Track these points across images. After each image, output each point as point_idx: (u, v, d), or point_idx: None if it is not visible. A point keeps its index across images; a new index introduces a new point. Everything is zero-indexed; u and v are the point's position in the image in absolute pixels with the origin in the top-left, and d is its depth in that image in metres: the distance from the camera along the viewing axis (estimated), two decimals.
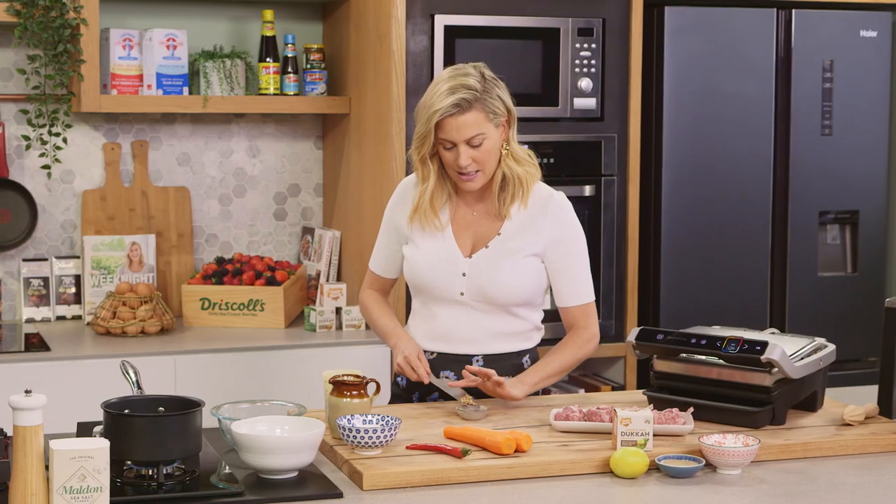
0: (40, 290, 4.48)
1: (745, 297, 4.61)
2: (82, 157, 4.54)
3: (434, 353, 3.19)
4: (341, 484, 2.51)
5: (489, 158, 3.09)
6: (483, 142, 3.05)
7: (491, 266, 3.12)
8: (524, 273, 3.14)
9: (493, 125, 3.07)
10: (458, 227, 3.18)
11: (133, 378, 2.76)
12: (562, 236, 3.16)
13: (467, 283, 3.14)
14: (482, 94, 3.05)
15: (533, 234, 3.14)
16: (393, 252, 3.28)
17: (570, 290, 3.20)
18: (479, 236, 3.17)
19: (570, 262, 3.18)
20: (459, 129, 3.03)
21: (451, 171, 3.11)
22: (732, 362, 2.89)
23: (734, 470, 2.61)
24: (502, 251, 3.14)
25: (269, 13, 4.50)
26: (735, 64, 4.55)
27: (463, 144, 3.05)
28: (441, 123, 3.04)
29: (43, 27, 4.15)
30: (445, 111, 3.02)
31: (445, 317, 3.17)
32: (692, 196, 4.54)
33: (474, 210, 3.19)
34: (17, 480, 2.19)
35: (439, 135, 3.06)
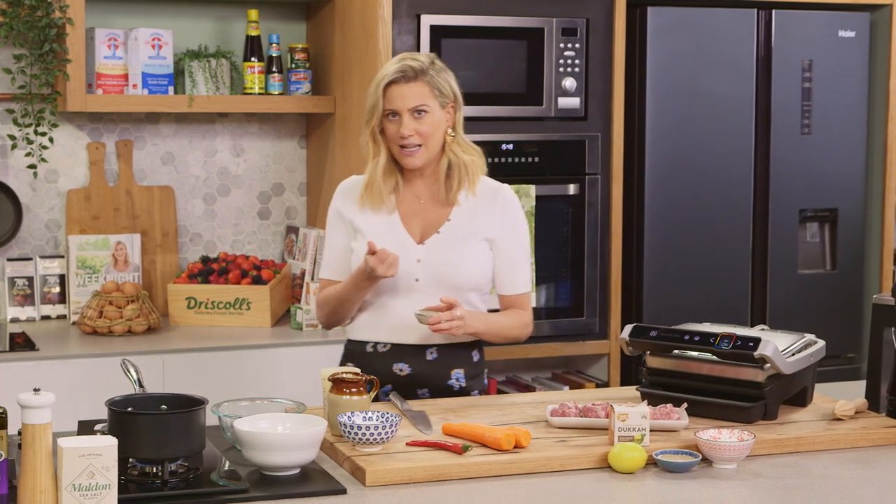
0: (25, 289, 4.48)
1: (727, 294, 4.67)
2: (67, 157, 4.54)
3: (388, 346, 3.21)
4: (343, 480, 2.52)
5: (432, 134, 3.15)
6: (426, 115, 3.13)
7: (446, 250, 3.17)
8: (478, 256, 3.20)
9: (438, 103, 3.15)
10: (406, 215, 3.22)
11: (135, 376, 2.78)
12: (510, 228, 3.24)
13: (423, 268, 3.17)
14: (429, 70, 3.15)
15: (483, 221, 3.21)
16: (346, 250, 3.26)
17: (513, 280, 3.26)
18: (427, 223, 3.21)
19: (515, 254, 3.25)
20: (404, 98, 3.12)
21: (393, 146, 3.16)
22: (726, 358, 2.93)
23: (730, 464, 2.65)
24: (454, 236, 3.19)
25: (253, 13, 4.51)
26: (716, 63, 4.60)
27: (406, 114, 3.12)
28: (387, 92, 3.13)
29: (29, 26, 4.15)
30: (391, 76, 3.12)
31: (399, 306, 3.18)
32: (675, 194, 4.58)
33: (421, 198, 3.23)
34: (26, 478, 2.20)
35: (385, 105, 3.13)
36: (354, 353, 3.27)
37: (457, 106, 3.21)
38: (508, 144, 4.37)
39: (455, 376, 3.23)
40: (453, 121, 3.20)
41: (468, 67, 4.31)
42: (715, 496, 2.47)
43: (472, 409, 3.03)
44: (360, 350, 3.26)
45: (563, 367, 4.77)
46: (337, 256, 3.28)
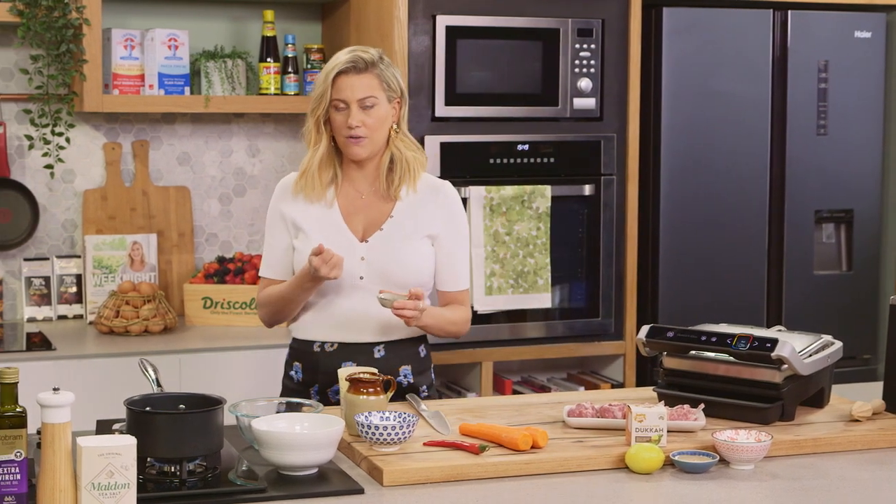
0: (42, 289, 4.49)
1: (742, 295, 4.66)
2: (83, 157, 4.55)
3: (335, 345, 3.18)
4: (360, 480, 2.53)
5: (379, 127, 3.13)
6: (375, 106, 3.11)
7: (389, 247, 3.15)
8: (422, 254, 3.18)
9: (386, 97, 3.14)
10: (347, 212, 3.19)
11: (153, 376, 2.79)
12: (452, 225, 3.22)
13: (367, 266, 3.14)
14: (379, 63, 3.14)
15: (425, 216, 3.19)
16: (285, 249, 3.22)
17: (454, 276, 3.24)
18: (370, 220, 3.19)
19: (456, 251, 3.24)
20: (353, 88, 3.10)
21: (339, 135, 3.14)
22: (743, 359, 2.93)
23: (747, 465, 2.65)
24: (397, 233, 3.17)
25: (269, 13, 4.52)
26: (732, 64, 4.59)
27: (355, 105, 3.10)
28: (337, 82, 3.11)
29: (46, 27, 4.16)
30: (342, 66, 3.10)
31: (344, 305, 3.16)
32: (690, 195, 4.58)
33: (363, 194, 3.21)
34: (45, 477, 2.20)
35: (334, 95, 3.12)
36: (301, 353, 3.23)
37: (402, 101, 3.19)
38: (524, 145, 4.37)
39: (403, 373, 3.20)
40: (398, 116, 3.19)
41: (484, 68, 4.32)
42: (732, 497, 2.47)
43: (489, 409, 3.03)
44: (307, 349, 3.21)
45: (578, 367, 4.77)
46: (277, 255, 3.24)
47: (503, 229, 4.28)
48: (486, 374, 4.38)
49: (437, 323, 3.16)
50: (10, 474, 2.21)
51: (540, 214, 4.32)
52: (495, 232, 4.28)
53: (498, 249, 4.28)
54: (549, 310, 4.44)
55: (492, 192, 4.27)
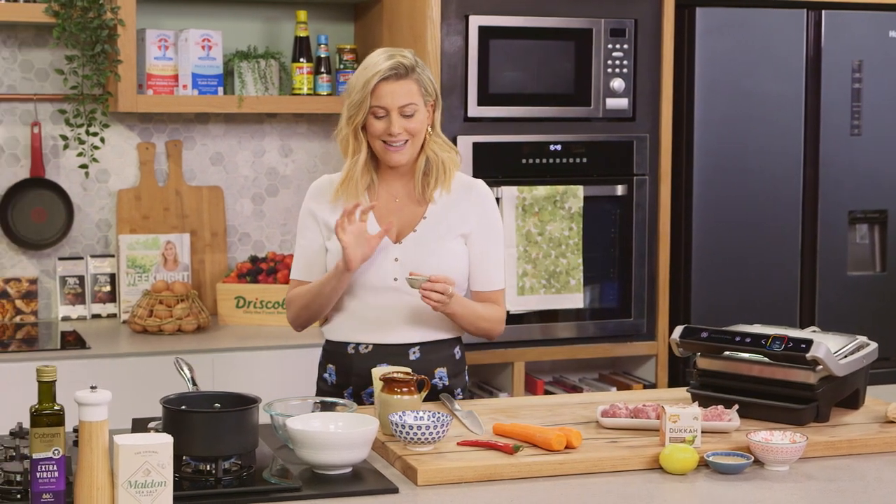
0: (76, 288, 4.52)
1: (775, 295, 4.64)
2: (117, 157, 4.58)
3: (369, 346, 3.16)
4: (395, 479, 2.53)
5: (418, 132, 3.11)
6: (415, 113, 3.09)
7: (423, 248, 3.13)
8: (456, 254, 3.16)
9: (423, 102, 3.12)
10: (381, 214, 3.16)
11: (188, 374, 2.80)
12: (485, 223, 3.20)
13: (400, 267, 3.12)
14: (417, 68, 3.11)
15: (458, 217, 3.17)
16: (316, 252, 3.20)
17: (488, 276, 3.22)
18: (403, 222, 3.17)
19: (489, 250, 3.21)
20: (394, 96, 3.07)
21: (377, 142, 3.11)
22: (777, 360, 2.92)
23: (782, 466, 2.64)
24: (431, 234, 3.15)
25: (302, 14, 4.53)
26: (765, 64, 4.58)
27: (395, 112, 3.07)
28: (377, 89, 3.07)
29: (81, 28, 4.19)
30: (384, 73, 3.06)
31: (378, 306, 3.14)
32: (723, 195, 4.57)
33: (396, 197, 3.19)
34: (83, 475, 2.22)
35: (373, 102, 3.07)
36: (335, 355, 3.22)
37: (436, 103, 3.17)
38: (556, 145, 4.37)
39: (438, 375, 3.18)
40: (432, 118, 3.16)
41: (516, 68, 4.32)
42: (767, 498, 2.46)
43: (522, 409, 3.04)
44: (341, 351, 3.20)
45: (609, 367, 4.76)
46: (308, 257, 3.22)
47: (535, 229, 4.28)
48: (517, 374, 4.38)
49: (466, 314, 3.12)
50: (49, 472, 2.23)
51: (572, 215, 4.32)
52: (527, 232, 4.28)
53: (530, 249, 4.28)
54: (581, 310, 4.43)
55: (524, 192, 4.27)
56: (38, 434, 2.22)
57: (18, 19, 4.20)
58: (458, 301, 3.08)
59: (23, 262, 4.50)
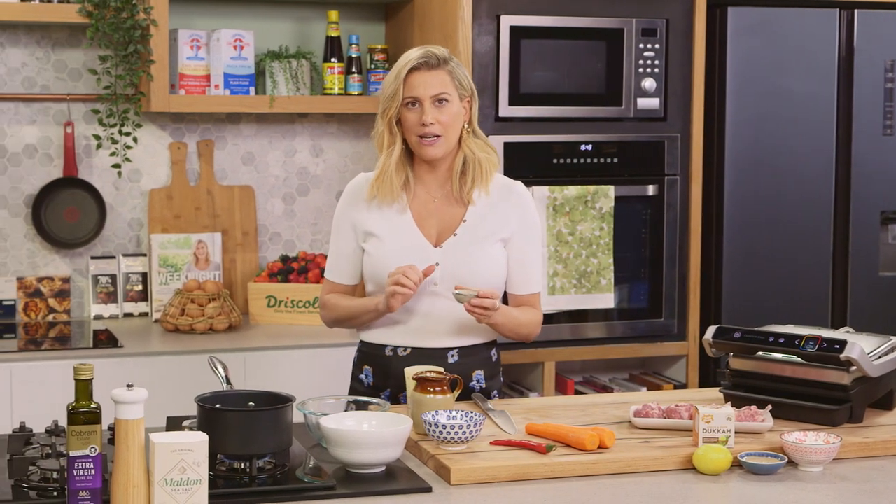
0: (108, 287, 4.54)
1: (806, 296, 4.63)
2: (149, 157, 4.60)
3: (408, 350, 3.15)
4: (428, 478, 2.54)
5: (452, 124, 3.09)
6: (447, 104, 3.08)
7: (464, 253, 3.11)
8: (496, 258, 3.14)
9: (458, 95, 3.11)
10: (420, 216, 3.15)
11: (222, 373, 2.81)
12: (524, 226, 3.18)
13: (441, 272, 3.10)
14: (450, 61, 3.12)
15: (498, 220, 3.15)
16: (350, 255, 3.20)
17: (526, 279, 3.20)
18: (443, 224, 3.15)
19: (528, 253, 3.19)
20: (426, 85, 3.07)
21: (411, 135, 3.10)
22: (811, 361, 2.91)
23: (816, 467, 2.63)
24: (471, 238, 3.13)
25: (333, 14, 4.55)
26: (797, 64, 4.56)
27: (428, 102, 3.06)
28: (409, 79, 3.07)
29: (114, 28, 4.21)
30: (414, 62, 3.07)
31: (418, 311, 3.12)
32: (754, 195, 4.55)
33: (435, 196, 3.17)
34: (119, 472, 2.23)
35: (406, 93, 3.08)
36: (372, 357, 3.20)
37: (473, 100, 3.16)
38: (587, 145, 4.36)
39: (476, 378, 3.17)
40: (469, 115, 3.15)
41: (547, 68, 4.32)
42: (801, 499, 2.46)
43: (554, 409, 3.04)
44: (378, 353, 3.18)
45: (640, 368, 4.75)
46: (342, 260, 3.22)
47: (566, 229, 4.28)
48: (548, 374, 4.38)
49: (507, 322, 3.12)
50: (85, 469, 2.24)
51: (603, 214, 4.32)
52: (558, 232, 4.27)
53: (561, 249, 4.28)
54: (612, 310, 4.43)
55: (555, 192, 4.27)
56: (75, 432, 2.23)
57: (52, 20, 4.23)
58: (501, 312, 3.07)
59: (56, 262, 4.53)
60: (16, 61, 4.44)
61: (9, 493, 2.38)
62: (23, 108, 4.46)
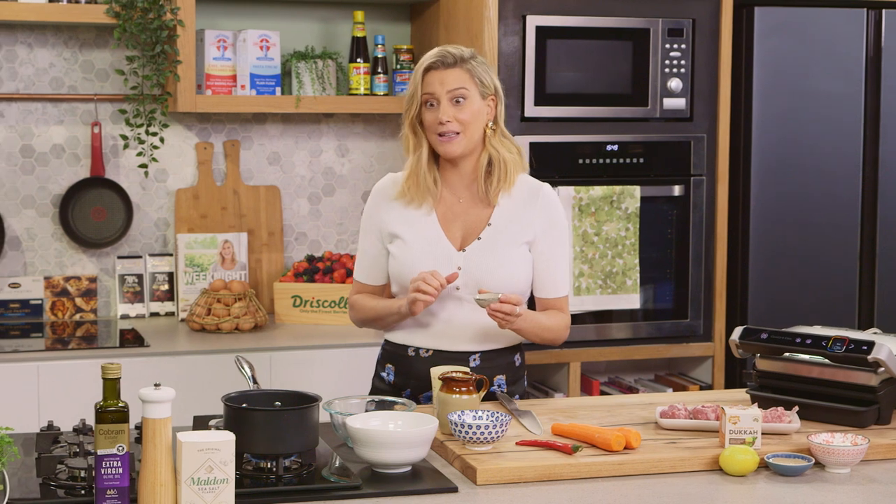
0: (135, 286, 4.56)
1: (834, 296, 4.61)
2: (176, 157, 4.61)
3: (430, 351, 3.14)
4: (454, 478, 2.54)
5: (471, 122, 3.07)
6: (466, 100, 3.06)
7: (487, 258, 3.09)
8: (520, 263, 3.12)
9: (479, 92, 3.09)
10: (445, 219, 3.14)
11: (248, 373, 2.82)
12: (550, 229, 3.15)
13: (463, 276, 3.09)
14: (469, 59, 3.10)
15: (523, 222, 3.12)
16: (377, 256, 3.20)
17: (553, 282, 3.17)
18: (468, 227, 3.13)
19: (556, 255, 3.16)
20: (443, 81, 3.06)
21: (431, 134, 3.09)
22: (838, 362, 2.90)
23: (843, 469, 2.62)
24: (495, 242, 3.11)
25: (359, 14, 4.55)
26: (825, 64, 4.54)
27: (445, 99, 3.06)
28: (426, 78, 3.08)
29: (141, 28, 4.23)
30: (429, 61, 3.07)
31: (441, 314, 3.12)
32: (781, 196, 4.54)
33: (460, 198, 3.16)
34: (146, 471, 2.24)
35: (424, 90, 3.08)
36: (394, 356, 3.20)
37: (498, 99, 3.13)
38: (613, 145, 4.36)
39: (497, 382, 3.16)
40: (494, 114, 3.13)
41: (573, 68, 4.32)
42: (828, 501, 2.45)
43: (580, 409, 3.03)
44: (401, 353, 3.19)
45: (665, 368, 4.74)
46: (369, 261, 3.22)
47: (592, 230, 4.28)
48: (573, 374, 4.38)
49: (532, 328, 3.10)
50: (113, 468, 2.25)
51: (629, 215, 4.31)
52: (584, 232, 4.27)
53: (587, 250, 4.28)
54: (637, 310, 4.42)
55: (581, 192, 4.26)
56: (102, 430, 2.24)
57: (80, 20, 4.24)
58: (525, 317, 3.05)
59: (83, 261, 4.55)
60: (44, 62, 4.46)
61: (37, 492, 2.40)
62: (50, 108, 4.48)
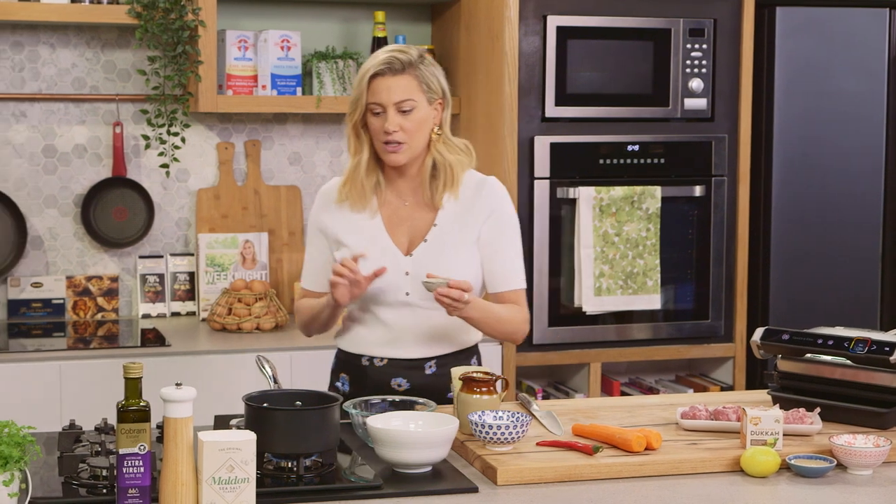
0: (156, 286, 4.57)
1: (856, 297, 4.60)
2: (197, 157, 4.62)
3: (385, 360, 3.08)
4: (474, 479, 2.54)
5: (418, 131, 2.99)
6: (413, 110, 2.97)
7: (434, 261, 3.01)
8: (468, 262, 3.04)
9: (426, 99, 2.99)
10: (391, 222, 3.07)
11: (269, 372, 2.82)
12: (495, 218, 3.05)
13: (412, 281, 3.02)
14: (417, 63, 2.99)
15: (469, 219, 3.05)
16: (323, 262, 3.12)
17: (503, 275, 3.07)
18: (414, 230, 3.06)
19: (502, 245, 3.06)
20: (390, 91, 2.96)
21: (377, 141, 3.00)
22: (860, 363, 2.89)
23: (865, 470, 2.61)
24: (442, 243, 3.04)
25: (380, 14, 4.55)
26: (847, 64, 4.53)
27: (392, 108, 2.96)
28: (372, 84, 2.97)
29: (163, 29, 4.24)
30: (376, 68, 2.97)
31: (392, 322, 3.04)
32: (803, 196, 4.52)
33: (406, 201, 3.08)
34: (168, 470, 2.24)
35: (370, 98, 2.98)
36: (348, 365, 3.14)
37: (445, 103, 3.04)
38: (634, 146, 4.35)
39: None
40: (440, 118, 3.04)
41: (594, 68, 4.31)
42: (850, 502, 2.44)
43: (601, 410, 3.03)
44: (355, 362, 3.12)
45: (686, 369, 4.73)
46: (317, 267, 3.14)
47: (613, 230, 4.27)
48: (594, 374, 4.37)
49: (484, 318, 3.00)
50: (134, 467, 2.25)
51: (650, 215, 4.31)
52: (605, 233, 4.26)
53: (607, 250, 4.27)
54: (658, 311, 4.42)
55: (601, 192, 4.26)
56: (124, 430, 2.25)
57: (101, 21, 4.26)
58: (476, 306, 2.95)
59: (104, 261, 4.56)
60: (66, 62, 4.48)
61: (59, 490, 2.41)
62: (72, 108, 4.50)
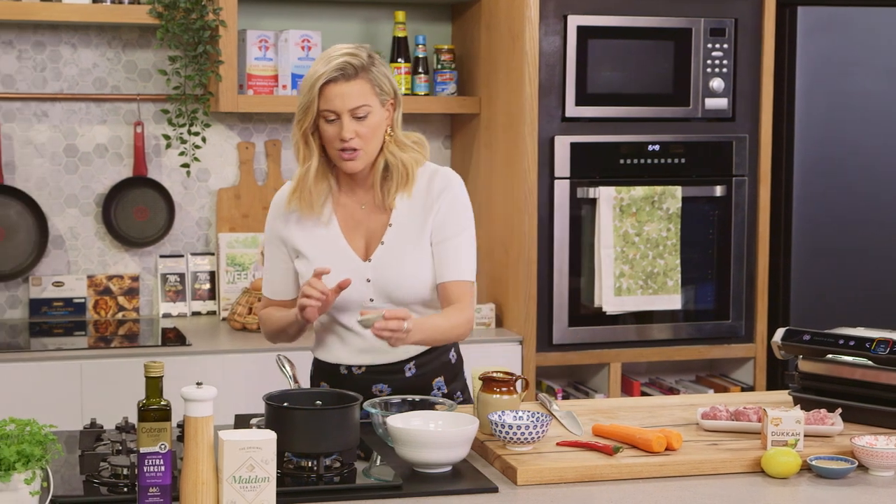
0: (177, 285, 4.58)
1: (877, 298, 4.58)
2: (217, 156, 4.63)
3: (363, 368, 3.03)
4: (494, 479, 2.54)
5: (373, 136, 2.90)
6: (368, 115, 2.88)
7: (394, 261, 2.96)
8: (426, 259, 2.98)
9: (379, 101, 2.91)
10: (347, 227, 3.00)
11: (290, 372, 2.83)
12: (448, 210, 2.98)
13: (374, 287, 2.96)
14: (369, 66, 2.90)
15: (423, 212, 2.98)
16: (284, 271, 3.05)
17: (451, 265, 2.97)
18: (370, 233, 2.99)
19: (453, 237, 2.98)
20: (343, 98, 2.86)
21: (331, 148, 2.91)
22: (882, 364, 2.88)
23: (887, 471, 2.60)
24: (400, 242, 2.97)
25: (400, 14, 4.56)
26: (868, 63, 4.51)
27: (347, 115, 2.87)
28: (324, 91, 2.86)
29: (184, 29, 4.25)
30: (329, 75, 2.86)
31: (359, 329, 2.96)
32: (823, 196, 4.51)
33: (362, 204, 3.01)
34: (188, 469, 2.25)
35: (322, 105, 2.87)
36: (327, 373, 3.08)
37: (396, 103, 2.96)
38: (654, 145, 4.34)
39: (437, 385, 3.08)
40: (392, 119, 2.96)
41: (615, 68, 4.31)
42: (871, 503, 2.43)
43: (621, 410, 3.02)
44: (333, 371, 3.06)
45: (706, 370, 4.72)
46: (278, 276, 3.07)
47: (633, 230, 4.26)
48: (614, 375, 4.36)
49: (432, 336, 2.94)
50: (155, 466, 2.26)
51: (670, 215, 4.30)
52: (625, 233, 4.26)
53: (627, 250, 4.27)
54: (678, 311, 4.41)
55: (622, 192, 4.25)
56: (145, 429, 2.25)
57: (123, 21, 4.28)
58: (419, 329, 2.85)
59: (125, 260, 4.58)
60: (87, 62, 4.49)
61: (80, 489, 2.42)
62: (94, 108, 4.51)
